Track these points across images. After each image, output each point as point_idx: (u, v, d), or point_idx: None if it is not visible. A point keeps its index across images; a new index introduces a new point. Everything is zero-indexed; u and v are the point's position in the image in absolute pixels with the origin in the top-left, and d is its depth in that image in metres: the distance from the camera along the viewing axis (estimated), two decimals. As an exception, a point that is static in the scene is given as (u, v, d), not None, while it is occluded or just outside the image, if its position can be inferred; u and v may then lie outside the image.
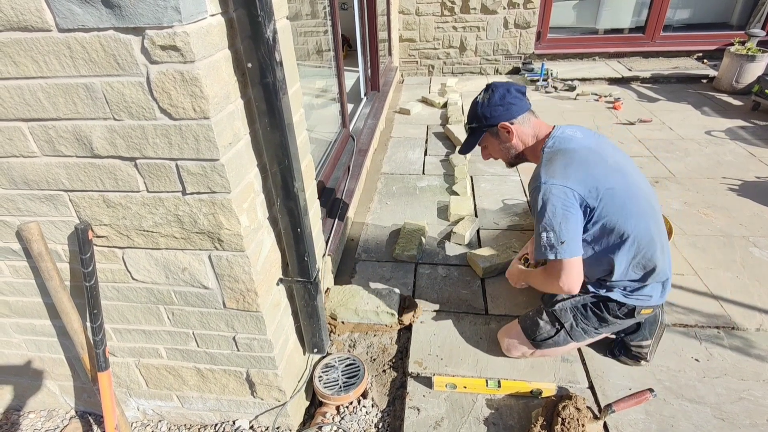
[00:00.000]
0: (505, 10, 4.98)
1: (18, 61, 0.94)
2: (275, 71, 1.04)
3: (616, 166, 1.43)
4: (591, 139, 1.48)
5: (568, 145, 1.44)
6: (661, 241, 1.48)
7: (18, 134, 1.05)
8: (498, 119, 1.51)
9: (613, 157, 1.45)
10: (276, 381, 1.47)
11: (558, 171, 1.38)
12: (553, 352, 1.70)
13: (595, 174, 1.38)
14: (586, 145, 1.44)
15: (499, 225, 2.59)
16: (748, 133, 3.56)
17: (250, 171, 1.17)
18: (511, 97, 1.50)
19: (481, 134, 1.57)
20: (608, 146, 1.50)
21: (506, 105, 1.50)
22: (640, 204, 1.42)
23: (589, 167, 1.39)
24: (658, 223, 1.49)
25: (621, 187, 1.39)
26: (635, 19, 5.31)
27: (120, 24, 0.87)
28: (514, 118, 1.51)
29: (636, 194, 1.42)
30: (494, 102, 1.51)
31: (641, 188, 1.46)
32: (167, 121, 0.98)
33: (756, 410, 1.51)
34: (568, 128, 1.51)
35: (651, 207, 1.47)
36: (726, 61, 4.37)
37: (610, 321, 1.57)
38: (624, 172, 1.43)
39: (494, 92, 1.52)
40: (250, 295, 1.26)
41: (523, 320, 1.69)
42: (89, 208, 1.15)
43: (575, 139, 1.46)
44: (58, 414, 1.74)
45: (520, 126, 1.51)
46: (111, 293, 1.33)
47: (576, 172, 1.37)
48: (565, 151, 1.43)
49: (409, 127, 4.03)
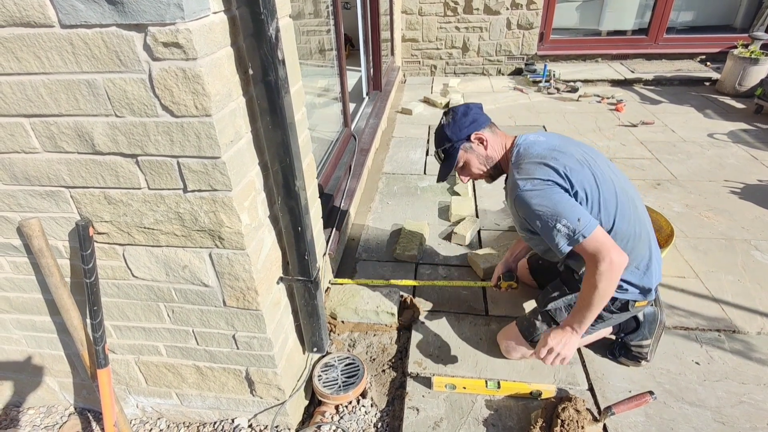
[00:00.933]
0: (508, 11, 4.98)
1: (20, 57, 0.94)
2: (277, 69, 1.04)
3: (585, 162, 1.43)
4: (555, 140, 1.50)
5: (534, 149, 1.46)
6: (638, 232, 1.46)
7: (20, 130, 1.05)
8: (469, 131, 1.53)
9: (581, 153, 1.46)
10: (275, 380, 1.47)
11: (533, 171, 1.39)
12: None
13: (569, 167, 1.38)
14: (552, 146, 1.45)
15: (500, 226, 2.59)
16: (751, 136, 3.55)
17: (252, 169, 1.17)
18: (473, 112, 1.54)
19: (456, 153, 1.55)
20: (574, 144, 1.51)
21: (472, 117, 1.53)
22: (612, 197, 1.42)
23: (561, 162, 1.39)
24: (637, 214, 1.47)
25: (592, 182, 1.39)
26: (638, 21, 5.31)
27: (122, 20, 0.87)
28: (481, 129, 1.53)
29: (609, 188, 1.42)
30: (459, 118, 1.54)
31: (614, 181, 1.45)
32: (169, 119, 0.98)
33: (756, 414, 1.51)
34: (531, 135, 1.53)
35: (627, 199, 1.46)
36: (729, 64, 4.36)
37: (605, 316, 1.57)
38: (593, 166, 1.43)
39: (456, 111, 1.56)
40: (250, 293, 1.26)
41: (520, 322, 1.69)
42: (90, 204, 1.15)
43: (538, 143, 1.48)
44: (58, 410, 1.74)
45: (490, 135, 1.54)
46: (111, 290, 1.33)
47: (550, 169, 1.37)
48: (533, 154, 1.44)
49: (411, 127, 4.02)
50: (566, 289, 1.60)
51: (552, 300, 1.61)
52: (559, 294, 1.61)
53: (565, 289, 1.60)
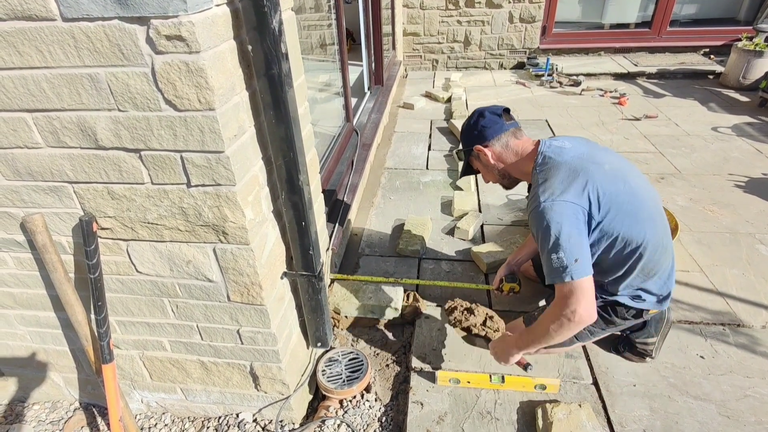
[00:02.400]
0: (510, 5, 4.94)
1: (22, 51, 0.93)
2: (281, 63, 1.03)
3: (614, 172, 1.36)
4: (582, 147, 1.42)
5: (560, 157, 1.38)
6: (665, 243, 1.45)
7: (22, 125, 1.04)
8: (472, 143, 1.54)
9: (609, 162, 1.39)
10: (279, 374, 1.47)
11: (556, 186, 1.31)
12: (557, 351, 1.69)
13: (596, 183, 1.30)
14: (578, 155, 1.38)
15: (503, 220, 2.58)
16: (755, 130, 3.53)
17: (255, 164, 1.16)
18: (485, 120, 1.51)
19: (468, 157, 1.60)
20: (601, 151, 1.44)
21: (479, 129, 1.51)
22: (646, 208, 1.38)
23: (587, 177, 1.31)
24: (664, 224, 1.46)
25: (624, 194, 1.34)
26: (641, 14, 5.27)
27: (125, 13, 0.86)
28: (487, 141, 1.50)
29: (641, 198, 1.37)
30: (469, 128, 1.55)
31: (644, 190, 1.41)
32: (172, 113, 0.97)
33: (761, 408, 1.51)
34: (555, 141, 1.45)
35: (657, 209, 1.43)
36: (733, 57, 4.33)
37: (618, 323, 1.56)
38: (624, 177, 1.37)
39: (470, 118, 1.56)
40: (254, 288, 1.25)
41: (528, 320, 1.68)
42: (93, 200, 1.14)
43: (565, 150, 1.40)
44: (63, 406, 1.75)
45: (494, 148, 1.51)
46: (115, 285, 1.33)
47: (574, 184, 1.30)
48: (558, 164, 1.36)
49: (413, 122, 4.01)
50: None
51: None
52: None
53: None
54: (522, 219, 2.58)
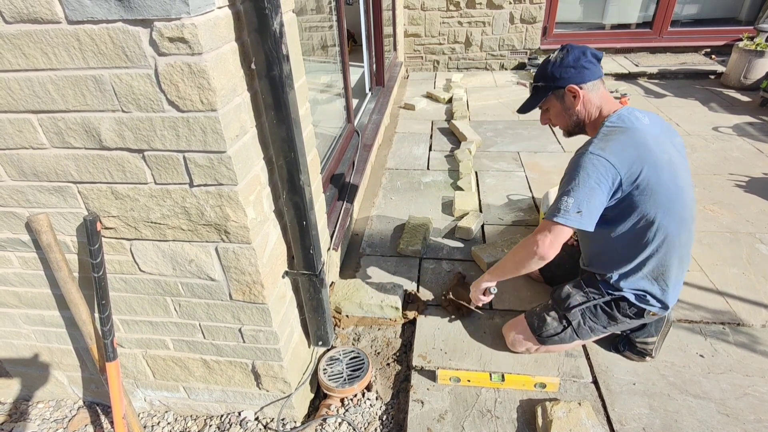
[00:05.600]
0: (511, 5, 4.95)
1: (28, 53, 0.95)
2: (282, 64, 1.04)
3: (670, 164, 1.36)
4: (656, 128, 1.40)
5: (632, 124, 1.37)
6: (683, 254, 1.46)
7: (28, 126, 1.06)
8: (567, 81, 1.43)
9: (669, 153, 1.38)
10: (281, 373, 1.49)
11: (611, 147, 1.33)
12: (558, 348, 1.70)
13: (644, 163, 1.32)
14: (649, 133, 1.36)
15: (503, 220, 2.59)
16: (756, 130, 3.53)
17: (257, 164, 1.17)
18: (586, 60, 1.41)
19: (545, 95, 1.49)
20: (670, 143, 1.42)
21: (579, 68, 1.41)
22: (679, 210, 1.39)
23: (641, 154, 1.32)
24: (689, 235, 1.46)
25: (667, 188, 1.34)
26: (642, 14, 5.27)
27: (129, 16, 0.87)
28: (584, 83, 1.42)
29: (682, 200, 1.39)
30: (567, 63, 1.42)
31: (688, 196, 1.42)
32: (175, 113, 0.99)
33: (761, 406, 1.51)
34: (637, 111, 1.43)
35: (690, 217, 1.43)
36: (734, 57, 4.33)
37: (620, 320, 1.57)
38: (675, 172, 1.37)
39: (569, 52, 1.43)
40: (256, 287, 1.27)
41: (529, 315, 1.69)
42: (98, 199, 1.16)
43: (640, 122, 1.39)
44: (66, 404, 1.76)
45: (587, 93, 1.43)
46: (119, 284, 1.35)
47: (626, 154, 1.32)
48: (626, 129, 1.36)
49: (414, 123, 4.02)
50: (589, 293, 1.58)
51: (575, 306, 1.59)
52: (582, 300, 1.59)
53: (589, 294, 1.58)
54: (523, 219, 2.59)
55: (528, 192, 2.86)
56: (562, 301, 1.62)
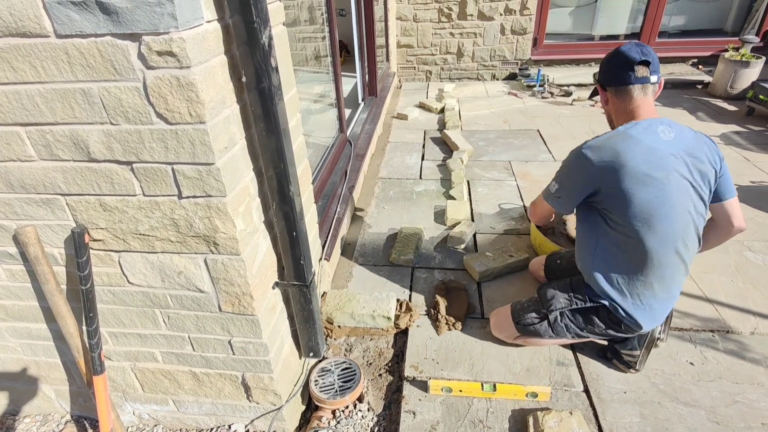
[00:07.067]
0: (501, 17, 5.03)
1: (16, 67, 0.95)
2: (271, 77, 1.06)
3: (659, 182, 1.35)
4: (677, 146, 1.38)
5: (638, 134, 1.38)
6: (664, 274, 1.46)
7: (16, 139, 1.06)
8: (599, 78, 1.56)
9: (670, 171, 1.35)
10: (272, 385, 1.48)
11: (598, 148, 1.41)
12: (536, 342, 1.74)
13: (623, 170, 1.35)
14: (650, 145, 1.36)
15: (495, 229, 2.60)
16: (743, 138, 3.59)
17: (246, 175, 1.18)
18: (613, 65, 1.48)
19: (597, 84, 1.62)
20: (685, 164, 1.38)
21: (608, 70, 1.50)
22: (667, 226, 1.39)
23: (624, 161, 1.35)
24: (678, 258, 1.45)
25: (648, 199, 1.36)
26: (631, 26, 5.36)
27: (117, 30, 0.88)
28: (608, 86, 1.51)
29: (669, 217, 1.38)
30: (606, 62, 1.52)
31: (680, 215, 1.40)
32: (163, 126, 0.99)
33: (750, 413, 1.52)
34: (661, 125, 1.41)
35: (683, 240, 1.43)
36: (720, 67, 4.41)
37: (597, 325, 1.60)
38: (665, 190, 1.36)
39: (612, 55, 1.49)
40: (245, 298, 1.26)
41: (515, 304, 1.78)
42: (86, 211, 1.16)
43: (655, 135, 1.38)
44: (54, 418, 1.73)
45: (613, 96, 1.51)
46: (107, 297, 1.34)
47: (608, 157, 1.37)
48: (628, 138, 1.38)
49: (407, 132, 4.05)
50: (573, 297, 1.62)
51: (557, 309, 1.64)
52: (564, 304, 1.63)
53: (572, 297, 1.62)
54: (514, 227, 2.60)
55: (519, 201, 2.88)
56: (546, 300, 1.67)
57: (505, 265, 2.18)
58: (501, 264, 2.18)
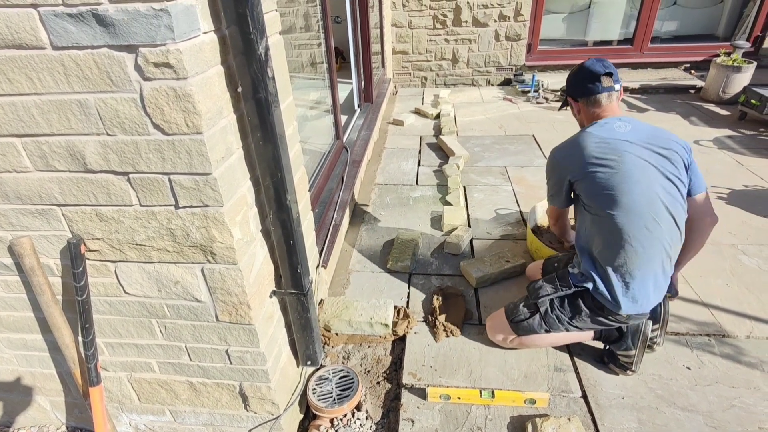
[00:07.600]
0: (496, 23, 5.06)
1: (12, 78, 0.95)
2: (267, 86, 1.06)
3: (615, 162, 1.49)
4: (617, 134, 1.54)
5: (593, 130, 1.58)
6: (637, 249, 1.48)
7: (11, 150, 1.06)
8: (568, 92, 1.73)
9: (619, 154, 1.49)
10: (269, 394, 1.47)
11: (564, 144, 1.66)
12: (532, 341, 1.74)
13: (583, 157, 1.54)
14: (603, 136, 1.55)
15: (492, 235, 2.61)
16: (736, 143, 3.62)
17: (243, 184, 1.18)
18: (581, 79, 1.65)
19: (566, 97, 1.78)
20: (646, 148, 1.51)
21: (577, 84, 1.67)
22: (630, 200, 1.47)
23: (580, 150, 1.56)
24: (650, 232, 1.48)
25: (607, 178, 1.49)
26: (623, 31, 5.41)
27: (114, 42, 0.88)
28: (579, 98, 1.68)
29: (632, 191, 1.47)
30: (573, 77, 1.70)
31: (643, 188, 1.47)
32: (160, 136, 0.99)
33: (747, 418, 1.52)
34: (619, 121, 1.58)
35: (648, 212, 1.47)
36: (713, 72, 4.45)
37: (583, 311, 1.62)
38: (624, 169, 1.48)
39: (578, 70, 1.67)
40: (242, 307, 1.26)
41: (508, 304, 1.82)
42: (82, 222, 1.15)
43: (604, 128, 1.57)
44: (49, 430, 1.72)
45: (584, 106, 1.67)
46: (103, 307, 1.33)
47: (570, 150, 1.61)
48: (586, 133, 1.59)
49: (403, 138, 4.06)
50: (558, 285, 1.68)
51: (544, 296, 1.69)
52: (551, 291, 1.68)
53: (558, 285, 1.68)
54: (511, 233, 2.61)
55: (515, 206, 2.89)
56: (534, 291, 1.72)
57: (502, 270, 2.19)
58: (498, 269, 2.18)
